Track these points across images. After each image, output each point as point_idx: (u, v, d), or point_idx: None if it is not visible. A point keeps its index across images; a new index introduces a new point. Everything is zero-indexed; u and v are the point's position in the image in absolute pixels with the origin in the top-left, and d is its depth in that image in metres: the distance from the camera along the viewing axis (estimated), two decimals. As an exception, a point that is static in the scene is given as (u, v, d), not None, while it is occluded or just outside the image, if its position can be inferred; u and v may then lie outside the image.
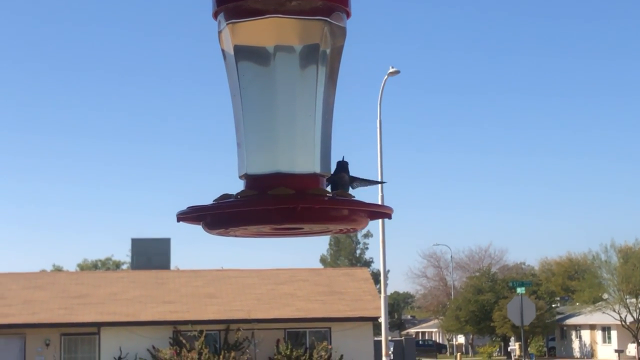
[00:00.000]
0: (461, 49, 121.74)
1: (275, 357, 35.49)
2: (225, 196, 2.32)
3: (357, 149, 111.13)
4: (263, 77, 2.38)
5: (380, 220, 27.49)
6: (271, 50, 2.35)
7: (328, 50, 2.40)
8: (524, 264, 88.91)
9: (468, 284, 75.89)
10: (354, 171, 2.50)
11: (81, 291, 38.21)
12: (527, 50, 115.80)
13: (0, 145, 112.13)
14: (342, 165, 2.46)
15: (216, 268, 43.86)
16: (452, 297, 79.19)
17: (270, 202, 2.24)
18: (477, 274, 78.01)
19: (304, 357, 34.96)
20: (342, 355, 35.86)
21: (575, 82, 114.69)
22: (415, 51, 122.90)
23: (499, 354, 75.19)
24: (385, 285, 31.34)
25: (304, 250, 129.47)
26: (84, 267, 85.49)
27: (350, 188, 2.48)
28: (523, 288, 34.37)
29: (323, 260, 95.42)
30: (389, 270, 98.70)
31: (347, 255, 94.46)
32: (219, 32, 2.42)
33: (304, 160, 2.37)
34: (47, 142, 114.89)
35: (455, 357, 77.79)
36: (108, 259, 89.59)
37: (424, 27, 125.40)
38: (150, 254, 43.80)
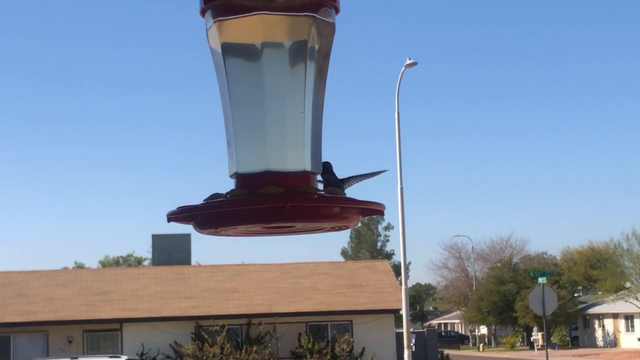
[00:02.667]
0: (481, 37, 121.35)
1: (297, 350, 35.51)
2: (215, 195, 2.30)
3: (375, 140, 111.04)
4: (251, 75, 2.36)
5: (400, 212, 27.43)
6: (259, 47, 2.32)
7: (317, 47, 2.37)
8: (546, 253, 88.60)
9: (490, 275, 75.69)
10: (372, 164, 2.46)
11: (103, 288, 38.36)
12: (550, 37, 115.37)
13: (21, 147, 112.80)
14: (325, 167, 2.43)
15: (237, 263, 43.97)
16: (474, 288, 78.98)
17: (259, 201, 2.22)
18: (499, 264, 77.77)
19: (325, 351, 34.94)
20: (364, 348, 35.83)
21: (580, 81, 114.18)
22: (434, 42, 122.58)
23: (522, 344, 74.98)
24: (406, 277, 31.30)
25: (325, 244, 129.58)
26: (105, 264, 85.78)
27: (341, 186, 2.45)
28: (544, 278, 34.25)
29: (344, 253, 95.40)
30: (410, 262, 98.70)
31: (368, 247, 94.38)
32: (207, 30, 2.40)
33: (294, 158, 2.35)
34: (67, 143, 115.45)
35: (478, 347, 77.68)
36: (130, 256, 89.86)
37: (443, 18, 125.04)
38: (171, 250, 43.91)
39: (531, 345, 68.88)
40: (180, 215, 2.32)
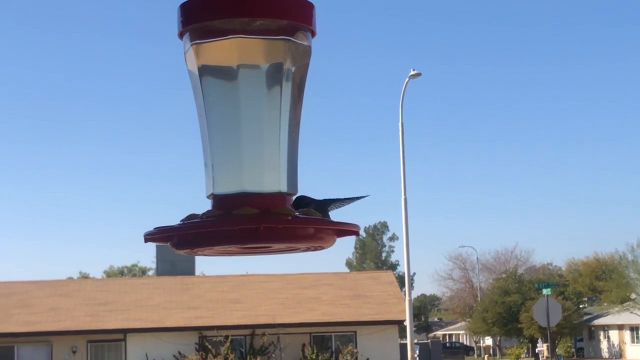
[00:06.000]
0: (484, 48, 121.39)
1: (301, 361, 35.52)
2: (191, 216, 2.33)
3: (379, 151, 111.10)
4: (227, 97, 2.39)
5: (404, 223, 27.42)
6: (235, 69, 2.36)
7: (293, 69, 2.41)
8: (551, 264, 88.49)
9: (494, 286, 75.57)
10: (376, 174, 2.46)
11: (107, 298, 38.39)
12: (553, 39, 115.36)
13: (25, 156, 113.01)
14: (300, 202, 2.45)
15: (241, 273, 43.95)
16: (479, 299, 78.86)
17: (233, 223, 2.24)
18: (504, 275, 77.66)
19: (329, 361, 34.94)
20: (367, 359, 35.81)
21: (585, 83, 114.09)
22: (436, 53, 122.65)
23: (527, 356, 74.81)
24: (410, 287, 31.31)
25: (330, 255, 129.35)
26: (110, 274, 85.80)
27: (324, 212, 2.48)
28: (549, 289, 34.21)
29: (349, 263, 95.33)
30: (414, 273, 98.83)
31: (372, 258, 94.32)
32: (185, 53, 2.43)
33: (269, 179, 2.38)
34: (71, 152, 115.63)
35: (483, 358, 77.50)
36: (134, 266, 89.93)
37: (446, 28, 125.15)
38: (175, 260, 43.96)
39: (536, 357, 68.74)
40: (156, 235, 2.35)
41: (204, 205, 2.40)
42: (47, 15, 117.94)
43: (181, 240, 2.32)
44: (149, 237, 2.36)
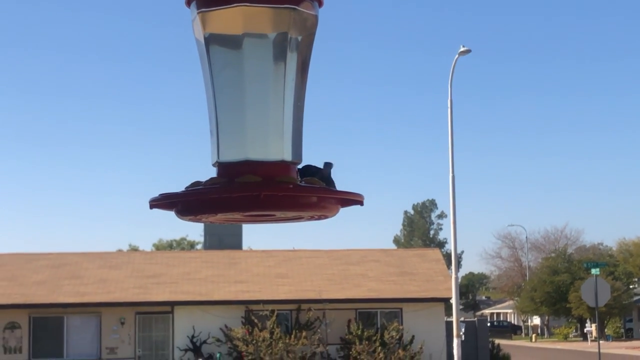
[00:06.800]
0: (533, 24, 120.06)
1: (347, 337, 35.54)
2: (196, 183, 2.35)
3: (428, 128, 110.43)
4: (233, 66, 2.40)
5: (451, 201, 27.32)
6: (240, 38, 2.36)
7: (299, 38, 2.41)
8: (602, 244, 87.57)
9: (543, 265, 75.09)
10: (425, 152, 2.43)
11: (155, 271, 38.72)
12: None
13: (77, 132, 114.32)
14: (307, 170, 2.44)
15: (288, 249, 44.09)
16: (527, 278, 78.40)
17: (234, 190, 2.26)
18: (553, 254, 77.11)
19: (375, 338, 34.92)
20: (413, 336, 35.76)
21: None
22: (487, 29, 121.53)
23: (575, 336, 74.35)
24: (457, 265, 31.19)
25: (377, 232, 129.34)
26: (159, 247, 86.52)
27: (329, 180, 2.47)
28: (598, 269, 33.87)
29: (396, 240, 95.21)
30: (462, 251, 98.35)
31: (420, 236, 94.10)
32: (192, 22, 2.45)
33: (273, 148, 2.38)
34: (120, 127, 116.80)
35: (531, 338, 77.16)
36: (183, 239, 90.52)
37: (503, 5, 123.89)
38: (223, 234, 44.18)
39: (585, 337, 68.27)
40: (161, 202, 2.37)
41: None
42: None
43: (185, 207, 2.34)
44: (154, 203, 2.38)
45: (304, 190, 2.34)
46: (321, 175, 2.42)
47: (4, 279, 37.36)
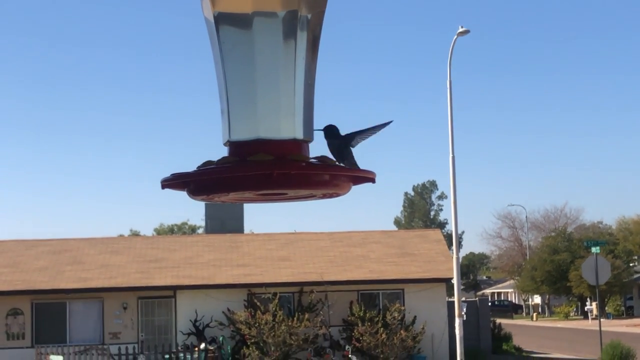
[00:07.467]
0: (533, 3, 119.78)
1: (349, 318, 35.58)
2: (207, 163, 2.34)
3: (428, 109, 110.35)
4: (243, 44, 2.39)
5: (451, 181, 27.31)
6: (250, 16, 2.35)
7: (308, 16, 2.40)
8: (601, 223, 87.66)
9: (544, 244, 75.17)
10: (424, 131, 2.44)
11: (157, 255, 38.74)
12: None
13: (76, 118, 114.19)
14: (328, 132, 2.44)
15: (289, 231, 44.09)
16: (528, 258, 78.52)
17: (247, 169, 2.25)
18: (553, 234, 77.19)
19: (377, 319, 34.94)
20: (415, 317, 35.80)
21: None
22: (485, 9, 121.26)
23: (576, 314, 74.51)
24: (458, 245, 31.23)
25: (378, 213, 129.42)
26: (160, 232, 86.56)
27: (346, 150, 2.46)
28: (598, 247, 33.90)
29: (397, 222, 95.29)
30: (463, 232, 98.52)
31: (421, 217, 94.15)
32: (202, 0, 2.44)
33: (285, 127, 2.38)
34: (122, 113, 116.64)
35: (532, 317, 77.35)
36: (184, 224, 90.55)
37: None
38: (224, 218, 44.17)
39: (585, 315, 68.43)
40: (173, 182, 2.37)
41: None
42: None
43: (197, 187, 2.34)
44: (166, 183, 2.38)
45: (316, 168, 2.34)
46: (340, 141, 2.41)
47: (5, 266, 37.39)
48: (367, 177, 2.42)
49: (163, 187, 2.40)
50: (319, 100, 2.33)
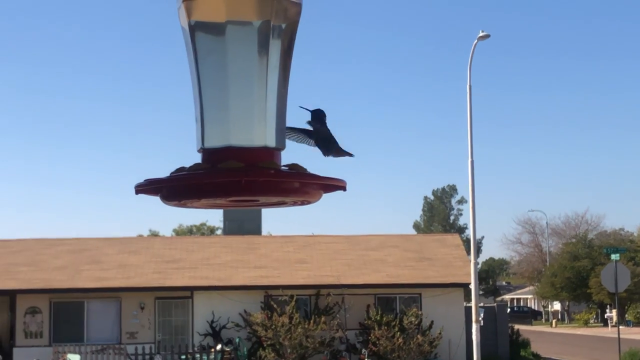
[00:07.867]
0: (553, 10, 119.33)
1: (366, 322, 35.58)
2: (180, 169, 2.38)
3: (447, 114, 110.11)
4: (217, 53, 2.42)
5: (470, 186, 27.24)
6: (223, 26, 2.38)
7: (282, 26, 2.43)
8: (623, 230, 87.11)
9: (564, 250, 74.82)
10: (445, 137, 2.48)
11: (175, 256, 38.86)
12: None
13: (98, 115, 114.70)
14: (316, 116, 2.47)
15: (307, 234, 44.09)
16: (548, 264, 78.19)
17: (216, 176, 2.29)
18: (574, 240, 76.84)
19: (394, 323, 34.92)
20: (432, 321, 35.76)
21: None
22: (506, 14, 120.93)
23: (596, 321, 74.14)
24: (476, 250, 31.14)
25: (397, 217, 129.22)
26: (179, 233, 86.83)
27: (331, 148, 2.49)
28: (618, 254, 33.76)
29: (416, 226, 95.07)
30: (482, 237, 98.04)
31: (440, 221, 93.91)
32: (178, 10, 2.47)
33: (256, 134, 2.41)
34: (143, 111, 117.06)
35: (551, 323, 77.01)
36: (203, 225, 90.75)
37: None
38: (242, 220, 44.28)
39: (605, 322, 68.06)
40: (146, 187, 2.41)
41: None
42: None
43: (169, 193, 2.37)
44: (140, 188, 2.41)
45: (285, 175, 2.37)
46: (323, 136, 2.44)
47: (24, 264, 37.63)
48: (337, 185, 2.44)
49: (137, 192, 2.43)
50: (338, 104, 2.36)
